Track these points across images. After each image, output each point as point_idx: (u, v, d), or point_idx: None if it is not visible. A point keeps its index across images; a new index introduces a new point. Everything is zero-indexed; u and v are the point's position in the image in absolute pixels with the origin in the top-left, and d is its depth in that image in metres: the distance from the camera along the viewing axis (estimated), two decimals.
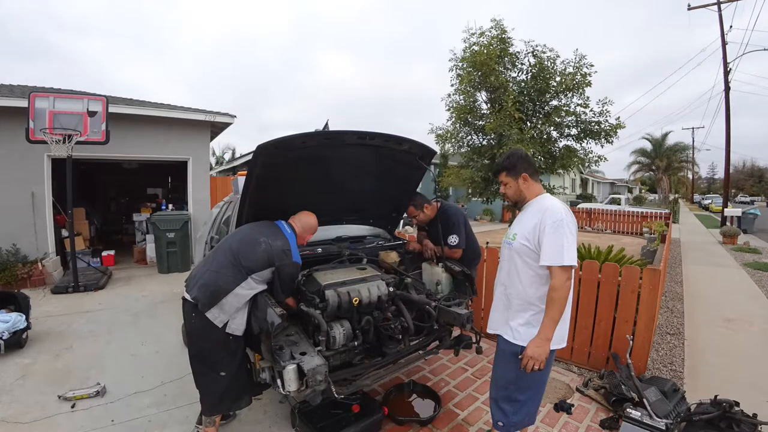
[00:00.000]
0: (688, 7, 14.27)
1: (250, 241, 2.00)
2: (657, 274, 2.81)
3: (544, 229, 1.63)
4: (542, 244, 1.63)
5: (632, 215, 14.07)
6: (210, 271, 1.95)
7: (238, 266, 1.92)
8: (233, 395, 1.99)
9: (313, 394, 1.83)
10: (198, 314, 1.88)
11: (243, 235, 2.08)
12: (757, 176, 63.05)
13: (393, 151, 2.52)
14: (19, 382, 2.89)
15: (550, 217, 1.64)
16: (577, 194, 25.89)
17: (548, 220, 1.63)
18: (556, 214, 1.64)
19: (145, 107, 6.97)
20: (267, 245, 1.97)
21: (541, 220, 1.66)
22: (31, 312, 3.77)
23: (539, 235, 1.65)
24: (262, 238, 2.00)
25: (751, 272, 7.09)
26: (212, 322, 1.86)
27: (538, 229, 1.66)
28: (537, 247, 1.66)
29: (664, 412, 2.26)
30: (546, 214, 1.66)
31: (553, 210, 1.66)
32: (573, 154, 7.92)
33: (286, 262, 1.98)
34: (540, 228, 1.65)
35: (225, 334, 1.89)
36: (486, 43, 7.60)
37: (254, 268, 1.93)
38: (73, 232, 5.58)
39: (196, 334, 1.95)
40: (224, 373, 1.93)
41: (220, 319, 1.87)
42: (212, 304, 1.86)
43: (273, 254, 1.95)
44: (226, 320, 1.88)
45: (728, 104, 13.81)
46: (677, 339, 3.89)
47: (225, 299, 1.87)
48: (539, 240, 1.65)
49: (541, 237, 1.64)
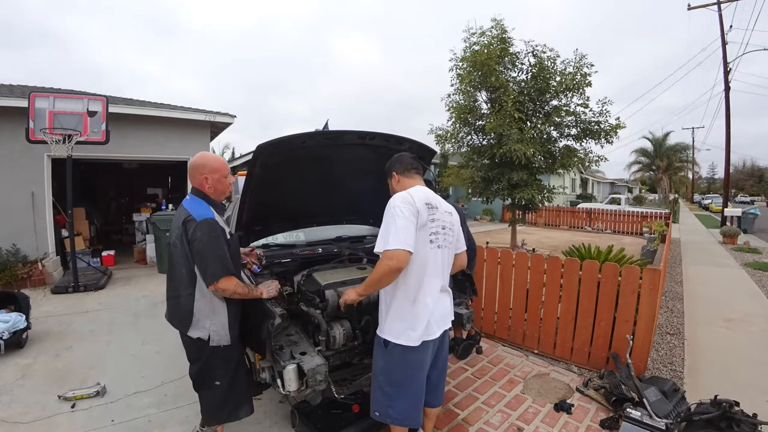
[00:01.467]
0: (688, 7, 14.28)
1: (172, 245, 1.80)
2: (657, 274, 2.81)
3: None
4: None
5: (632, 215, 14.08)
6: (168, 300, 1.87)
7: (186, 278, 1.76)
8: (231, 405, 1.95)
9: (313, 394, 1.83)
10: (182, 335, 1.86)
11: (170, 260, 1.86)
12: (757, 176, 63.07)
13: (393, 150, 2.51)
14: (19, 382, 2.89)
15: (387, 208, 1.69)
16: (577, 194, 25.88)
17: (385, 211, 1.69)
18: (390, 203, 1.69)
19: (145, 107, 6.97)
20: (171, 235, 1.76)
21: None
22: (31, 312, 3.77)
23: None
24: (172, 234, 1.78)
25: (751, 272, 7.09)
26: (197, 339, 1.81)
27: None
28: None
29: (664, 412, 2.26)
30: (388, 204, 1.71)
31: (391, 200, 1.71)
32: (573, 153, 7.90)
33: (195, 236, 1.66)
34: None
35: (212, 347, 1.82)
36: (486, 43, 7.60)
37: (189, 267, 1.73)
38: (73, 232, 5.58)
39: (187, 352, 1.92)
40: (218, 382, 1.88)
41: (200, 334, 1.80)
42: (186, 326, 1.80)
43: (178, 240, 1.69)
44: (207, 335, 1.80)
45: (728, 104, 13.82)
46: (677, 339, 3.90)
47: (194, 318, 1.78)
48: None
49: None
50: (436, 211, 1.76)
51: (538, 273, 3.40)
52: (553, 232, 13.96)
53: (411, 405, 1.79)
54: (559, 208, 16.15)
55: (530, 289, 3.45)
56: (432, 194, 1.83)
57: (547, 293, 3.37)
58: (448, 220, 1.82)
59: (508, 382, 2.95)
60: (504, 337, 3.69)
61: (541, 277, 3.38)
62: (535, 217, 14.03)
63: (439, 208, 1.80)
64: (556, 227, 15.68)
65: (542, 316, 3.39)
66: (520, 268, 3.54)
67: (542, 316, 3.39)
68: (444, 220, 1.79)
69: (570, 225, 15.63)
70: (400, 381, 1.77)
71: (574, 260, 3.19)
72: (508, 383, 2.94)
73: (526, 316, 3.52)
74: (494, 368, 3.17)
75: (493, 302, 3.75)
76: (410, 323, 1.70)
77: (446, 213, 1.83)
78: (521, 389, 2.85)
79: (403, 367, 1.75)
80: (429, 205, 1.73)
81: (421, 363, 1.77)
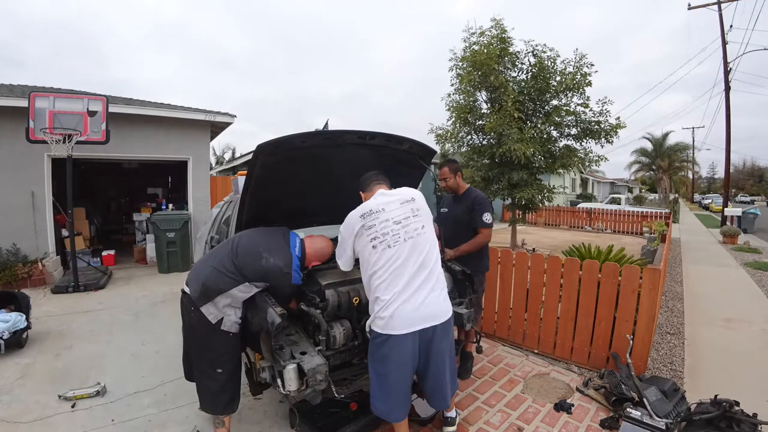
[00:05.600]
0: (688, 7, 14.28)
1: (253, 252, 1.94)
2: (657, 274, 2.81)
3: None
4: None
5: (632, 215, 14.08)
6: (211, 267, 1.94)
7: (237, 271, 1.89)
8: (228, 396, 1.99)
9: (313, 394, 1.83)
10: (196, 309, 1.89)
11: (249, 241, 2.02)
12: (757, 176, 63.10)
13: (393, 150, 2.52)
14: (19, 382, 2.89)
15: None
16: (577, 194, 25.88)
17: None
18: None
19: (145, 107, 6.97)
20: (266, 261, 1.91)
21: None
22: (32, 312, 3.77)
23: None
24: (264, 252, 1.93)
25: (751, 272, 7.09)
26: (207, 318, 1.87)
27: None
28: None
29: (664, 411, 2.26)
30: None
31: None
32: (573, 153, 7.90)
33: (283, 283, 1.93)
34: None
35: (221, 330, 1.88)
36: (486, 43, 7.59)
37: (252, 278, 1.91)
38: (73, 232, 5.58)
39: (194, 329, 1.95)
40: (221, 371, 1.93)
41: (213, 315, 1.87)
42: (207, 300, 1.86)
43: (270, 273, 1.90)
44: (221, 317, 1.88)
45: (728, 104, 13.81)
46: (677, 339, 3.89)
47: (218, 297, 1.87)
48: None
49: None
50: (378, 215, 1.88)
51: (538, 273, 3.40)
52: (553, 232, 13.96)
53: (388, 399, 1.87)
54: (559, 208, 16.15)
55: (530, 288, 3.45)
56: (380, 197, 1.97)
57: (547, 293, 3.36)
58: (398, 214, 1.90)
59: (508, 382, 2.95)
60: (504, 337, 3.69)
61: (541, 277, 3.38)
62: (535, 217, 14.02)
63: (385, 209, 1.90)
64: (556, 227, 15.68)
65: (542, 316, 3.39)
66: (520, 268, 3.54)
67: (542, 316, 3.39)
68: (391, 217, 1.88)
69: (570, 225, 15.63)
70: (379, 372, 1.86)
71: (574, 260, 3.19)
72: (508, 383, 2.94)
73: (526, 316, 3.51)
74: (494, 368, 3.17)
75: (493, 302, 3.75)
76: (379, 314, 1.81)
77: (398, 208, 1.92)
78: (521, 389, 2.85)
79: (380, 357, 1.84)
80: (365, 215, 1.90)
81: (396, 358, 1.82)
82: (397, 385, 1.86)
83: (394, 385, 1.85)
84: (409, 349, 1.81)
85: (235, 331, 1.92)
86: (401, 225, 1.87)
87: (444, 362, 1.95)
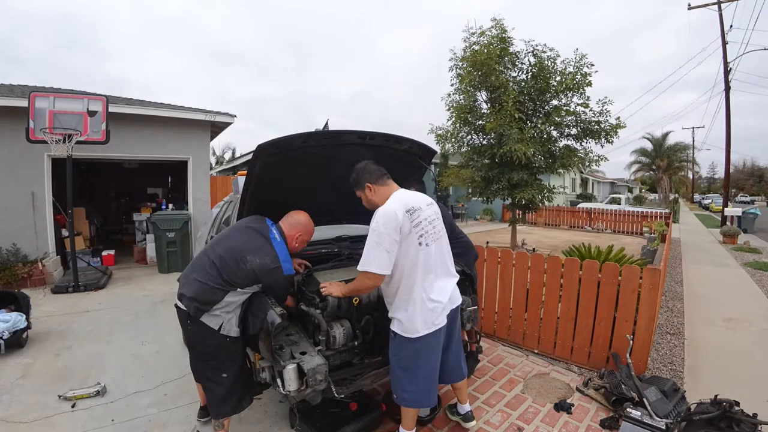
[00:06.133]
0: (688, 7, 14.28)
1: (235, 257, 1.86)
2: (657, 274, 2.81)
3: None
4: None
5: (632, 215, 14.08)
6: (197, 281, 1.86)
7: (222, 280, 1.83)
8: (236, 397, 1.99)
9: (313, 394, 1.83)
10: (192, 320, 1.87)
11: (227, 248, 1.92)
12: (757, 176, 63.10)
13: (393, 150, 2.52)
14: (19, 382, 2.89)
15: (372, 223, 1.83)
16: (577, 194, 25.88)
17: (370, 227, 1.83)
18: (374, 220, 1.82)
19: (145, 107, 6.97)
20: (252, 263, 1.85)
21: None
22: (32, 312, 3.76)
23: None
24: (248, 255, 1.86)
25: (751, 272, 7.09)
26: (207, 326, 1.85)
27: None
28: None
29: (664, 411, 2.26)
30: (372, 220, 1.84)
31: (374, 216, 1.84)
32: (573, 153, 7.90)
33: (275, 278, 1.89)
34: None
35: (221, 336, 1.87)
36: (486, 43, 7.59)
37: (240, 284, 1.86)
38: (73, 232, 5.58)
39: (193, 339, 1.95)
40: (225, 375, 1.93)
41: (214, 322, 1.85)
42: (202, 313, 1.84)
43: (259, 273, 1.86)
44: (220, 323, 1.86)
45: (728, 104, 13.81)
46: (677, 339, 3.89)
47: (214, 307, 1.84)
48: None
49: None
50: (419, 212, 1.88)
51: (538, 273, 3.40)
52: (553, 232, 13.96)
53: (421, 388, 1.93)
54: (559, 208, 16.15)
55: (530, 288, 3.45)
56: (411, 195, 1.95)
57: (547, 293, 3.37)
58: (430, 213, 1.95)
59: (508, 382, 2.95)
60: (504, 337, 3.69)
61: (541, 277, 3.38)
62: (535, 217, 14.02)
63: (421, 207, 1.91)
64: (556, 227, 15.67)
65: (542, 316, 3.39)
66: (520, 268, 3.54)
67: (542, 316, 3.39)
68: (426, 216, 1.92)
69: (570, 225, 15.63)
70: (408, 366, 1.91)
71: (574, 260, 3.19)
72: (508, 383, 2.94)
73: (526, 316, 3.51)
74: (494, 368, 3.17)
75: (493, 302, 3.75)
76: (410, 318, 1.85)
77: (427, 207, 1.97)
78: (521, 389, 2.85)
79: (409, 353, 1.89)
80: (410, 210, 1.84)
81: (427, 349, 1.90)
82: (432, 372, 1.96)
83: (430, 372, 1.94)
84: (443, 334, 1.95)
85: (234, 335, 1.91)
86: (432, 225, 1.94)
87: (459, 338, 2.18)
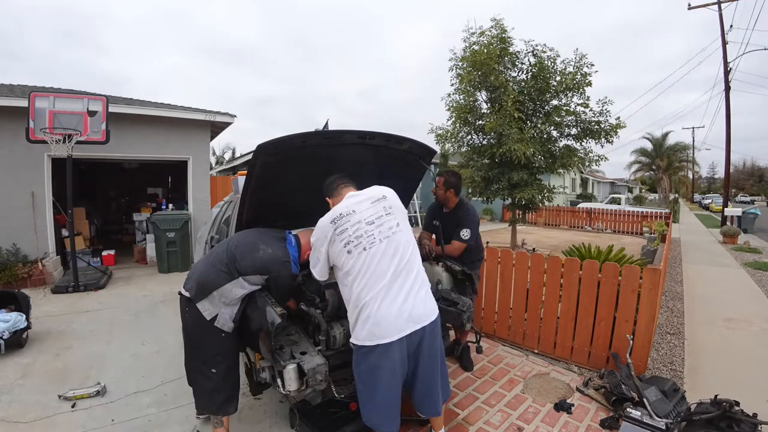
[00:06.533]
0: (688, 7, 14.27)
1: (250, 244, 1.98)
2: (657, 274, 2.81)
3: None
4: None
5: (632, 215, 14.08)
6: (206, 263, 1.99)
7: (231, 265, 1.91)
8: (223, 396, 2.00)
9: (313, 394, 1.83)
10: (191, 308, 1.91)
11: (245, 237, 2.06)
12: (757, 176, 63.10)
13: (393, 150, 2.52)
14: (19, 382, 2.89)
15: None
16: (577, 194, 25.89)
17: None
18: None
19: (145, 107, 6.97)
20: (265, 252, 1.93)
21: None
22: (32, 312, 3.76)
23: None
24: (262, 245, 1.97)
25: (751, 272, 7.09)
26: (202, 315, 1.88)
27: None
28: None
29: (664, 411, 2.26)
30: None
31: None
32: (573, 153, 7.90)
33: (283, 273, 1.94)
34: None
35: (215, 328, 1.90)
36: (486, 43, 7.59)
37: (246, 271, 1.90)
38: (74, 232, 5.58)
39: (189, 328, 1.98)
40: (215, 370, 1.94)
41: (209, 311, 1.89)
42: (203, 295, 1.89)
43: (269, 263, 1.91)
44: (215, 313, 1.89)
45: (728, 104, 13.81)
46: (677, 339, 3.89)
47: (214, 293, 1.88)
48: None
49: None
50: (348, 218, 1.78)
51: (538, 272, 3.40)
52: (553, 232, 13.96)
53: (378, 410, 1.76)
54: (559, 208, 16.15)
55: (530, 288, 3.45)
56: (351, 199, 1.87)
57: (547, 293, 3.36)
58: (369, 214, 1.81)
59: (508, 382, 2.95)
60: (504, 337, 3.69)
61: (541, 277, 3.38)
62: (535, 217, 14.02)
63: (355, 210, 1.80)
64: (556, 227, 15.67)
65: (542, 316, 3.39)
66: (520, 268, 3.54)
67: (542, 316, 3.39)
68: (364, 218, 1.79)
69: (570, 225, 15.63)
70: (365, 382, 1.76)
71: (574, 260, 3.18)
72: (508, 383, 2.94)
73: (526, 316, 3.51)
74: (494, 368, 3.17)
75: (493, 302, 3.75)
76: (360, 325, 1.73)
77: (371, 205, 1.84)
78: (521, 389, 2.85)
79: (365, 368, 1.74)
80: (335, 219, 1.79)
81: (383, 367, 1.70)
82: (387, 396, 1.74)
83: (383, 395, 1.74)
84: (397, 356, 1.71)
85: (228, 330, 1.93)
86: (375, 225, 1.78)
87: (435, 366, 1.85)
